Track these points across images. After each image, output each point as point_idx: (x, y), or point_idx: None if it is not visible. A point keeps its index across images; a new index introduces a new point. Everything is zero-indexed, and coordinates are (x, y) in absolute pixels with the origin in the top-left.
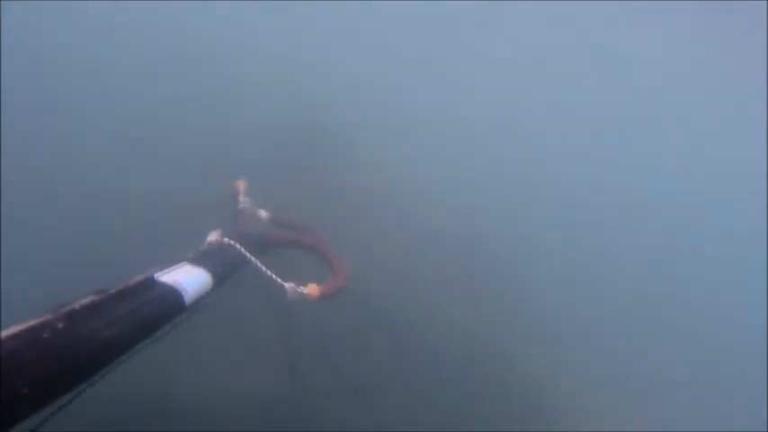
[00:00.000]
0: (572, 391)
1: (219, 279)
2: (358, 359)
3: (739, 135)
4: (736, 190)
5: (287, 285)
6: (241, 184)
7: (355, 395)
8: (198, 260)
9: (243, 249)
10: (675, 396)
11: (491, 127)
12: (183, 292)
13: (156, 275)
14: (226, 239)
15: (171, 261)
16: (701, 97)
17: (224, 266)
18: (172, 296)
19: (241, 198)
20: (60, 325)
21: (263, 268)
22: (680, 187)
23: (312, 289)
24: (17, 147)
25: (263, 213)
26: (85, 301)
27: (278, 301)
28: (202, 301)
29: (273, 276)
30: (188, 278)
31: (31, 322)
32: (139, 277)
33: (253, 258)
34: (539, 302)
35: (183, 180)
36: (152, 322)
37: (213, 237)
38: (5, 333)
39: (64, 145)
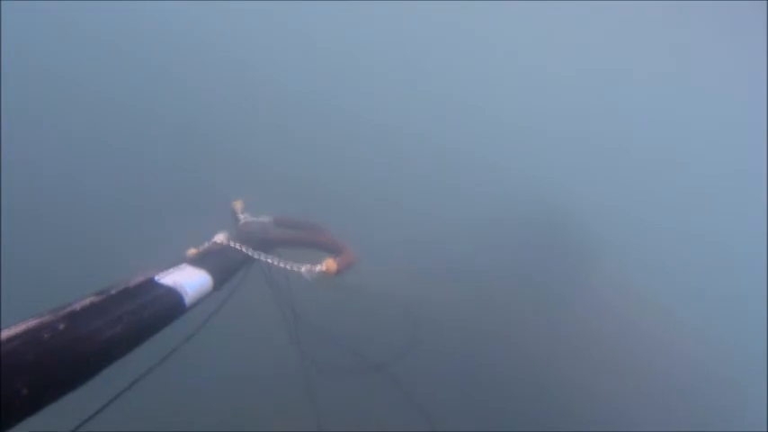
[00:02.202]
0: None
1: (220, 281)
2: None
3: (741, 135)
4: (737, 190)
5: (303, 268)
6: (238, 204)
7: (376, 371)
8: (198, 261)
9: (249, 250)
10: (674, 396)
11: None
12: (184, 294)
13: (156, 277)
14: (231, 243)
15: (171, 262)
16: (702, 98)
17: (225, 267)
18: (172, 298)
19: (240, 216)
20: (60, 326)
21: (275, 261)
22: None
23: (329, 264)
24: (17, 145)
25: (265, 219)
26: (85, 302)
27: (283, 292)
28: (203, 302)
29: (287, 264)
30: (188, 280)
31: (31, 323)
32: (139, 278)
33: (262, 256)
34: None
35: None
36: (152, 324)
37: (219, 238)
38: (5, 334)
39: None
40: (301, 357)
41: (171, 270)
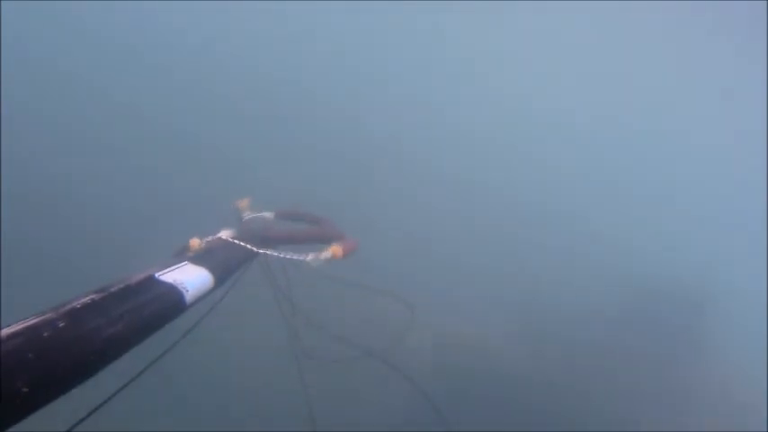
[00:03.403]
0: None
1: (221, 278)
2: None
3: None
4: (738, 192)
5: (309, 257)
6: (243, 203)
7: (368, 359)
8: (200, 259)
9: (252, 247)
10: (673, 396)
11: None
12: (184, 291)
13: (156, 274)
14: (235, 240)
15: (172, 260)
16: (701, 99)
17: (226, 265)
18: (173, 296)
19: (245, 214)
20: (61, 324)
21: (279, 253)
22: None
23: (335, 249)
24: (19, 145)
25: (267, 214)
26: (86, 299)
27: (282, 288)
28: (203, 299)
29: (292, 256)
30: (189, 277)
31: (32, 321)
32: (140, 276)
33: (266, 251)
34: None
35: None
36: (153, 321)
37: (222, 235)
38: (5, 331)
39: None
40: (299, 352)
41: (172, 268)
